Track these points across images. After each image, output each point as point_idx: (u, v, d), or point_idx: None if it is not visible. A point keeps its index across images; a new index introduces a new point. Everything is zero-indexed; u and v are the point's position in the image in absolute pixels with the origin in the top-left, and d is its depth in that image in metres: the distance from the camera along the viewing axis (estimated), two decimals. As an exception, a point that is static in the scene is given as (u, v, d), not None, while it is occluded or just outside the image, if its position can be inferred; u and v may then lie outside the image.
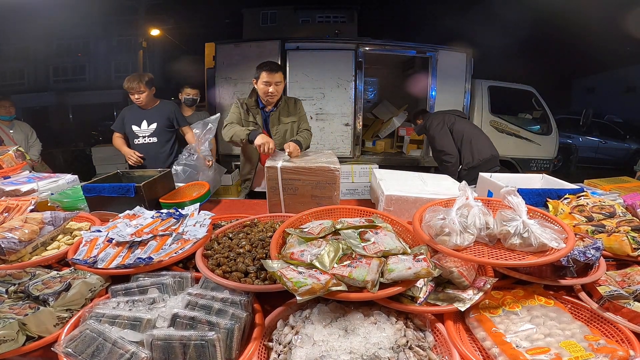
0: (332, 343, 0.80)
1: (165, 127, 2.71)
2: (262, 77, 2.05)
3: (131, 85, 2.54)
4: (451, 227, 1.02)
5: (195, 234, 1.23)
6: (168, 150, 2.76)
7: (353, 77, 4.91)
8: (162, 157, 2.72)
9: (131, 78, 2.58)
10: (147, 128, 2.66)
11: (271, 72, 2.04)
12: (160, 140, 2.70)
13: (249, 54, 4.90)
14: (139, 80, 2.56)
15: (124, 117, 2.70)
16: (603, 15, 6.02)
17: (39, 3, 5.59)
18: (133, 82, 2.55)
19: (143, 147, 2.66)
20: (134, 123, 2.66)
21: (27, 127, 3.77)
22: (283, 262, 0.96)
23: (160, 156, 2.71)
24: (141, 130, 2.66)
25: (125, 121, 2.69)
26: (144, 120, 2.66)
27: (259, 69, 2.08)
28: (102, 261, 1.11)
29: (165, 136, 2.72)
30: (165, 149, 2.74)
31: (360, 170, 4.32)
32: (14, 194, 1.75)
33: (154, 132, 2.67)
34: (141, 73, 2.72)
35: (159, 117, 2.69)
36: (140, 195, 1.63)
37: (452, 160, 3.05)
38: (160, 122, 2.68)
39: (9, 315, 0.85)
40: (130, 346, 0.76)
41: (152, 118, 2.67)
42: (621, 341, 0.86)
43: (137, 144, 2.67)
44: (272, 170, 1.61)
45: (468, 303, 0.91)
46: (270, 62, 2.10)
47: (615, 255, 1.17)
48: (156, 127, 2.67)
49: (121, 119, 2.71)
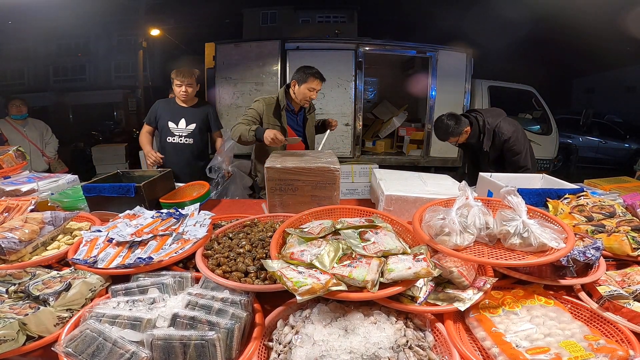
0: (332, 343, 0.80)
1: (203, 129, 2.56)
2: (310, 83, 2.10)
3: (183, 77, 2.39)
4: (451, 227, 1.02)
5: (195, 234, 1.23)
6: (202, 154, 2.61)
7: (353, 77, 4.92)
8: (196, 160, 2.56)
9: (182, 70, 2.44)
10: (186, 127, 2.49)
11: (321, 81, 2.14)
12: (197, 143, 2.54)
13: (249, 54, 4.91)
14: (191, 73, 2.44)
15: (157, 109, 2.51)
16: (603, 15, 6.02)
17: (39, 3, 5.60)
18: (185, 73, 2.41)
19: (177, 147, 2.49)
20: (170, 119, 2.48)
21: (41, 125, 3.74)
22: (283, 262, 0.96)
23: (193, 160, 2.54)
24: (178, 129, 2.48)
25: (159, 115, 2.50)
26: (182, 118, 2.48)
27: (306, 74, 2.10)
28: (102, 261, 1.11)
29: (202, 138, 2.58)
30: (200, 152, 2.59)
31: (360, 170, 4.32)
32: (14, 194, 1.75)
33: (192, 132, 2.50)
34: (190, 68, 2.54)
35: (199, 117, 2.53)
36: (141, 195, 1.63)
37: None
38: (200, 122, 2.52)
39: (9, 315, 0.85)
40: (130, 346, 0.76)
41: (192, 117, 2.51)
42: (621, 341, 0.86)
43: (170, 142, 2.49)
44: (272, 171, 1.61)
45: (468, 303, 0.91)
46: (318, 70, 2.16)
47: (615, 255, 1.17)
48: (195, 127, 2.51)
49: (154, 111, 2.51)
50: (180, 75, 2.41)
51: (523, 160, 2.31)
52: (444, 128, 2.35)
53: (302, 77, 2.11)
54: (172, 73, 2.45)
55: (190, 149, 2.53)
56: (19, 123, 3.55)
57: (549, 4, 5.77)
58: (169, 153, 2.49)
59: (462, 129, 2.32)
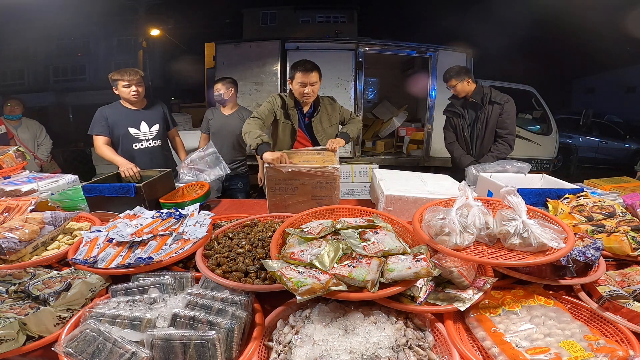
0: (332, 343, 0.80)
1: (165, 129, 2.45)
2: (297, 78, 1.95)
3: (128, 77, 2.18)
4: (451, 227, 1.02)
5: (195, 234, 1.24)
6: (170, 153, 2.50)
7: (353, 77, 4.91)
8: (169, 162, 2.44)
9: (126, 70, 2.22)
10: (149, 130, 2.34)
11: (306, 72, 1.94)
12: (164, 144, 2.43)
13: (249, 54, 4.91)
14: (136, 72, 2.23)
15: (106, 117, 2.25)
16: (603, 16, 6.02)
17: (39, 3, 5.60)
18: (130, 72, 2.20)
19: (146, 152, 2.34)
20: (130, 125, 2.29)
21: (35, 125, 3.66)
22: (283, 262, 0.96)
23: (167, 162, 2.42)
24: (142, 133, 2.32)
25: (111, 123, 2.26)
26: (142, 121, 2.32)
27: (293, 69, 1.98)
28: (102, 261, 1.12)
29: (166, 138, 2.47)
30: (169, 152, 2.49)
31: (360, 170, 4.32)
32: (14, 194, 1.75)
33: (157, 134, 2.37)
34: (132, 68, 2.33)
35: (158, 117, 2.39)
36: (141, 195, 1.63)
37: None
38: (161, 123, 2.40)
39: (9, 315, 0.85)
40: (130, 346, 0.76)
41: (151, 119, 2.35)
42: (621, 341, 0.86)
43: (138, 149, 2.31)
44: (272, 171, 1.61)
45: (468, 303, 0.91)
46: (305, 61, 1.98)
47: (615, 255, 1.18)
48: (159, 128, 2.38)
49: (104, 120, 2.24)
50: (126, 74, 2.19)
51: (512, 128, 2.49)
52: (454, 68, 2.53)
53: (291, 74, 2.03)
54: (113, 75, 2.22)
55: (161, 151, 2.42)
56: (12, 123, 3.48)
57: (549, 4, 5.78)
58: (140, 160, 2.26)
59: (467, 77, 2.48)
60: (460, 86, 2.50)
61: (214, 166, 2.23)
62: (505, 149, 2.46)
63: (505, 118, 2.45)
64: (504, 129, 2.46)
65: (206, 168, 2.21)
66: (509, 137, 2.46)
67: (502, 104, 2.44)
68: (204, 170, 2.20)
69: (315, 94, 2.05)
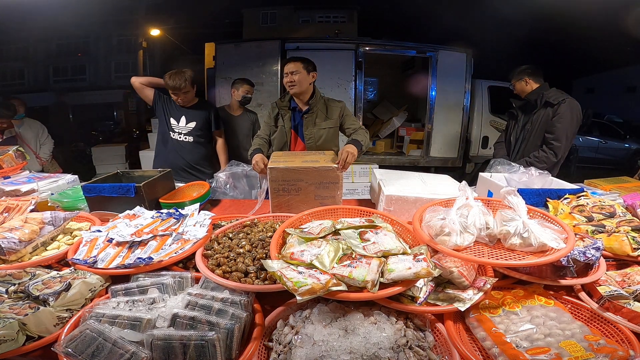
0: (332, 343, 0.80)
1: (203, 128, 2.56)
2: (284, 70, 2.07)
3: (176, 85, 2.29)
4: (451, 227, 1.02)
5: (195, 234, 1.24)
6: (204, 152, 2.62)
7: (353, 77, 4.91)
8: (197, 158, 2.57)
9: (175, 76, 2.30)
10: (185, 125, 2.50)
11: (287, 63, 2.07)
12: (195, 141, 2.55)
13: (249, 54, 4.90)
14: (185, 78, 2.31)
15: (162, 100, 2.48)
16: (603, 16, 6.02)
17: (39, 3, 5.59)
18: (179, 80, 2.29)
19: (178, 144, 2.53)
20: (172, 116, 2.50)
21: (37, 125, 3.69)
22: (283, 262, 0.96)
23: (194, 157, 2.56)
24: (178, 127, 2.51)
25: (163, 105, 2.49)
26: (182, 116, 2.49)
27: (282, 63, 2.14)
28: (102, 261, 1.11)
29: (201, 137, 2.57)
30: (199, 151, 2.59)
31: (360, 170, 4.31)
32: (14, 194, 1.75)
33: (191, 131, 2.52)
34: (182, 69, 2.37)
35: (199, 117, 2.53)
36: (140, 195, 1.62)
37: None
38: (200, 123, 2.53)
39: (9, 315, 0.85)
40: (130, 346, 0.76)
41: (192, 116, 2.51)
42: (621, 341, 0.86)
43: (173, 139, 2.52)
44: (275, 172, 1.61)
45: (468, 303, 0.91)
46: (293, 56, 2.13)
47: (615, 255, 1.17)
48: (195, 126, 2.52)
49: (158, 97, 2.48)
50: (172, 81, 2.30)
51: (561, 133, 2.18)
52: (520, 67, 2.36)
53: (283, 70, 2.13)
54: (165, 78, 2.35)
55: (191, 147, 2.54)
56: (15, 123, 3.49)
57: (549, 4, 5.77)
58: (170, 147, 2.53)
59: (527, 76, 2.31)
60: (519, 86, 2.34)
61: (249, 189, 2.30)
62: (545, 158, 2.18)
63: (555, 121, 2.15)
64: (551, 134, 2.17)
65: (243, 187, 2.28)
66: (554, 144, 2.17)
67: (555, 104, 2.16)
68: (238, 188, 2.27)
69: (299, 84, 2.02)
